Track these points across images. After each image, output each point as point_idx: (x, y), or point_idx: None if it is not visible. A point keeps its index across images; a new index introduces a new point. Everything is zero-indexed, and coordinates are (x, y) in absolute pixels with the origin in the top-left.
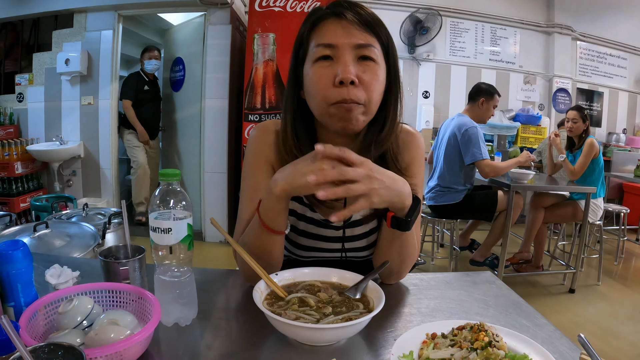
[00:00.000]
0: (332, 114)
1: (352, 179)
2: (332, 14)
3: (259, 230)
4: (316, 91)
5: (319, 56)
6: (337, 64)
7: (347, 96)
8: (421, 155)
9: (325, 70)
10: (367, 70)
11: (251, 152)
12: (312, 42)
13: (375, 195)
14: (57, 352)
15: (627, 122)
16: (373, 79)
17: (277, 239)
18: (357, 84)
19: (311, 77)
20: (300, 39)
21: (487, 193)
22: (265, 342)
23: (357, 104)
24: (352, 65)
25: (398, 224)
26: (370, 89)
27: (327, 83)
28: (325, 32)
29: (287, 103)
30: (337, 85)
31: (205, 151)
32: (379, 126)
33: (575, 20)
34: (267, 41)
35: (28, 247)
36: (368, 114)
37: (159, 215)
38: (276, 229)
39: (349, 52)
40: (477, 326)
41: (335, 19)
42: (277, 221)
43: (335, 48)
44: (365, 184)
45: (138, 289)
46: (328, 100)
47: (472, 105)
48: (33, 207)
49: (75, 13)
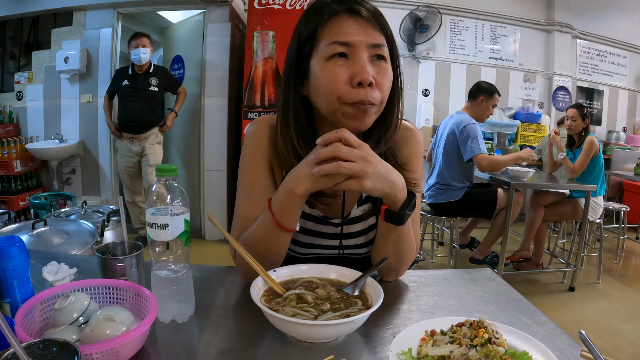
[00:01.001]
0: (346, 112)
1: (346, 157)
2: (346, 10)
3: (271, 229)
4: (330, 90)
5: (333, 54)
6: (353, 63)
7: (365, 97)
8: (420, 151)
9: (341, 69)
10: (381, 70)
11: (248, 148)
12: (325, 39)
13: (367, 178)
14: (51, 348)
15: (627, 121)
16: (386, 79)
17: (287, 236)
18: (373, 85)
19: (325, 75)
20: (308, 34)
21: (487, 191)
22: (262, 339)
23: (373, 104)
24: (369, 65)
25: (391, 217)
26: (384, 90)
27: (343, 82)
28: (341, 30)
29: (287, 99)
30: (354, 86)
31: (204, 149)
32: (383, 124)
33: (575, 18)
34: (267, 39)
35: (24, 243)
36: (378, 112)
37: (155, 211)
38: (290, 227)
39: (365, 51)
40: (477, 323)
41: (351, 16)
42: (294, 219)
43: (350, 46)
44: (359, 165)
45: (135, 285)
46: (344, 100)
47: (472, 103)
48: (32, 205)
49: (74, 11)
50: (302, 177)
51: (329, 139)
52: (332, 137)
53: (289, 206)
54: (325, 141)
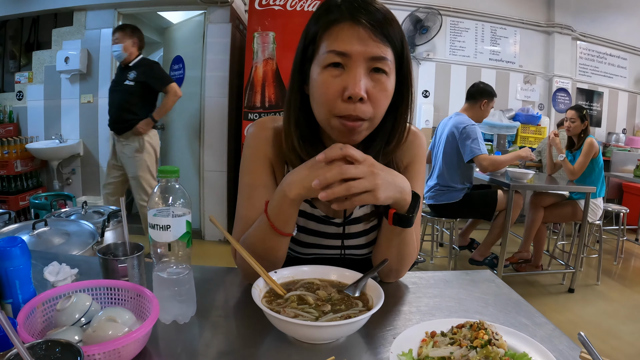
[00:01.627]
0: (334, 126)
1: (354, 176)
2: (349, 18)
3: (267, 232)
4: (323, 100)
5: (329, 63)
6: (348, 76)
7: (353, 112)
8: (423, 154)
9: (335, 80)
10: (377, 84)
11: (249, 149)
12: (324, 45)
13: (379, 190)
14: (54, 348)
15: (627, 122)
16: (381, 95)
17: (284, 240)
18: (365, 100)
19: (319, 84)
20: (312, 37)
21: (487, 192)
22: (264, 340)
23: (362, 120)
24: (363, 79)
25: (400, 221)
26: (378, 105)
27: (334, 94)
28: (340, 39)
29: (291, 99)
30: (345, 100)
31: (204, 150)
32: (387, 136)
33: (575, 20)
34: (267, 40)
35: (26, 244)
36: (371, 128)
37: (157, 212)
38: (286, 231)
39: (362, 63)
40: (477, 324)
41: (352, 25)
42: (289, 224)
43: (347, 57)
44: (368, 181)
45: (136, 286)
46: (333, 112)
47: (473, 105)
48: (32, 205)
49: (75, 11)
50: (297, 182)
51: (331, 156)
52: (335, 154)
53: (283, 210)
54: (328, 158)
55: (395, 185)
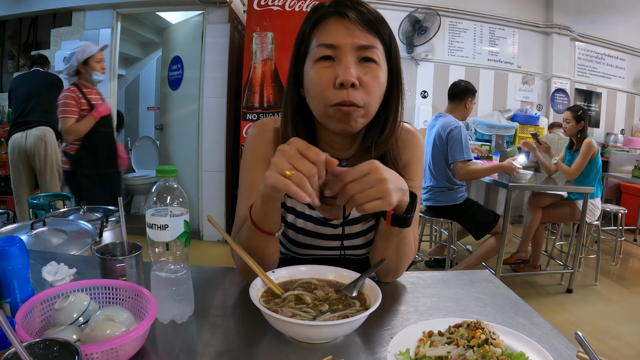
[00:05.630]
0: (331, 115)
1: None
2: (334, 12)
3: (251, 231)
4: (316, 92)
5: (320, 56)
6: (338, 65)
7: (346, 98)
8: (421, 154)
9: (326, 70)
10: (369, 72)
11: (249, 149)
12: (314, 41)
13: (389, 195)
14: (52, 348)
15: (625, 123)
16: (374, 82)
17: (269, 239)
18: (357, 87)
19: (312, 77)
20: (302, 36)
21: (490, 214)
22: (261, 340)
23: (357, 106)
24: (354, 67)
25: (399, 221)
26: (371, 92)
27: (327, 84)
28: (327, 32)
29: (287, 100)
30: (337, 87)
31: (203, 150)
32: (380, 127)
33: (573, 20)
34: (266, 40)
35: (24, 244)
36: (367, 116)
37: (155, 212)
38: (266, 230)
39: (351, 53)
40: (474, 324)
41: (338, 18)
42: (266, 222)
43: (336, 48)
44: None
45: (134, 285)
46: (328, 102)
47: (457, 105)
48: (30, 205)
49: (73, 11)
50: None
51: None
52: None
53: (261, 208)
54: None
55: (399, 188)
